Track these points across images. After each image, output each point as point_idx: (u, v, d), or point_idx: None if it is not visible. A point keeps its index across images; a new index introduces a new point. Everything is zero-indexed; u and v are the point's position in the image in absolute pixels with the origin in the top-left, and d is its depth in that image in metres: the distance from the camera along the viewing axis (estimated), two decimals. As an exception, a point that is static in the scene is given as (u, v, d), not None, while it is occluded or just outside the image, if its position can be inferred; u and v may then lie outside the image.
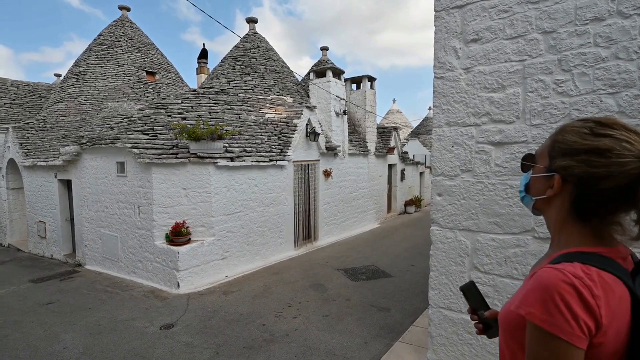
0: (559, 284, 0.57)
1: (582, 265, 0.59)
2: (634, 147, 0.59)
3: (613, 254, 0.62)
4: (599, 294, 0.56)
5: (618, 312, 0.57)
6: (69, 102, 9.54)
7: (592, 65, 1.47)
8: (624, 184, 0.59)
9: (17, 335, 3.95)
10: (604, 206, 0.62)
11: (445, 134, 1.90)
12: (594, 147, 0.62)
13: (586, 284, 0.56)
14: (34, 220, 8.23)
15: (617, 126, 0.62)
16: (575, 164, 0.63)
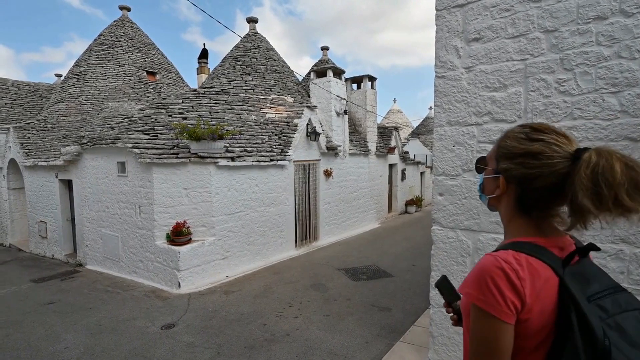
0: (491, 268, 0.67)
1: (514, 252, 0.68)
2: (562, 149, 0.67)
3: (548, 243, 0.70)
4: (524, 276, 0.65)
5: (543, 292, 0.65)
6: (70, 102, 9.54)
7: (594, 64, 1.47)
8: (555, 182, 0.67)
9: (19, 335, 3.96)
10: (540, 202, 0.71)
11: (446, 133, 1.90)
12: (528, 150, 0.70)
13: (513, 268, 0.65)
14: (35, 220, 8.24)
15: (548, 131, 0.70)
16: (514, 166, 0.72)
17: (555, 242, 0.71)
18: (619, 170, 0.60)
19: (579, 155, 0.65)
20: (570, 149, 0.68)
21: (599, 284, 0.66)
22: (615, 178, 0.60)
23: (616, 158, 0.62)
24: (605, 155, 0.62)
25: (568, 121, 1.53)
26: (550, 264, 0.67)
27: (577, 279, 0.65)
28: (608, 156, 0.62)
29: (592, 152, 0.64)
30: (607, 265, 1.45)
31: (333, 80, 8.49)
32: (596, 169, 0.61)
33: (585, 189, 0.62)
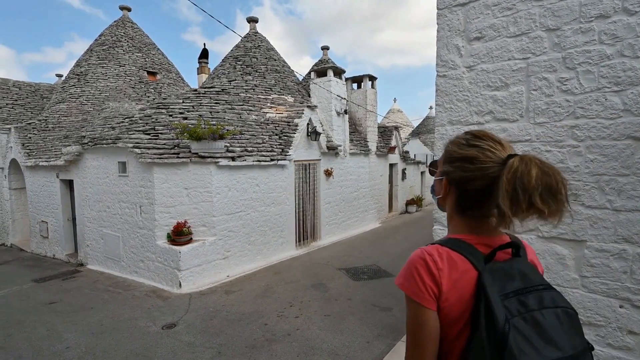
0: (416, 259, 0.76)
1: (439, 246, 0.76)
2: (495, 155, 0.73)
3: (476, 240, 0.77)
4: (442, 267, 0.73)
5: (460, 283, 0.72)
6: (71, 103, 9.55)
7: (597, 63, 1.46)
8: (487, 185, 0.72)
9: (20, 334, 3.97)
10: (475, 203, 0.76)
11: (447, 132, 1.89)
12: (465, 155, 0.77)
13: (434, 259, 0.74)
14: (37, 220, 8.25)
15: (485, 138, 0.77)
16: (453, 170, 0.79)
17: (485, 241, 0.77)
18: (535, 175, 0.66)
19: (507, 161, 0.70)
20: (502, 155, 0.73)
21: (524, 282, 0.70)
22: (530, 182, 0.65)
23: (534, 164, 0.67)
24: (526, 161, 0.67)
25: (570, 120, 1.52)
26: (470, 259, 0.73)
27: (498, 275, 0.70)
28: (528, 162, 0.67)
29: (516, 158, 0.69)
30: (609, 265, 1.44)
31: (333, 80, 8.48)
32: (516, 174, 0.67)
33: (504, 191, 0.67)
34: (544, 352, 0.62)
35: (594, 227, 1.48)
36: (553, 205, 0.66)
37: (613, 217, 1.43)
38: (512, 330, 0.62)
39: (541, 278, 0.73)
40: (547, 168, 0.67)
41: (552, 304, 0.68)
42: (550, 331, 0.64)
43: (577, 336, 0.66)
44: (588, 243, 1.49)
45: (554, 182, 0.67)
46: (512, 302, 0.66)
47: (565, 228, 1.54)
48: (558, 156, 1.55)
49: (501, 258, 0.75)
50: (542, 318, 0.65)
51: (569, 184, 1.52)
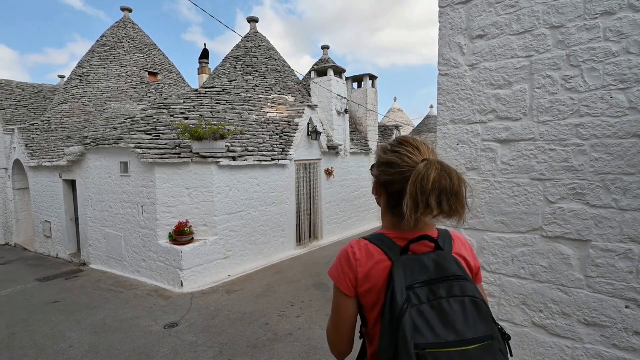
0: (341, 251, 0.86)
1: (362, 239, 0.86)
2: (411, 159, 0.81)
3: (395, 235, 0.85)
4: (359, 257, 0.82)
5: (373, 271, 0.80)
6: (73, 103, 9.58)
7: (602, 60, 1.44)
8: (404, 187, 0.77)
9: (25, 333, 3.99)
10: (397, 202, 0.81)
11: (449, 131, 1.87)
12: (386, 160, 0.85)
13: (353, 251, 0.84)
14: (40, 219, 8.30)
15: (405, 144, 0.85)
16: (379, 173, 0.88)
17: (404, 235, 0.84)
18: (432, 179, 0.73)
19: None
20: (417, 160, 0.80)
21: (437, 272, 0.75)
22: (427, 185, 0.72)
23: (435, 168, 0.74)
24: (429, 165, 0.75)
25: (574, 118, 1.50)
26: (385, 250, 0.81)
27: (411, 265, 0.76)
28: (430, 166, 0.74)
29: (423, 162, 0.76)
30: (615, 265, 1.42)
31: (334, 79, 8.46)
32: (418, 177, 0.74)
33: (409, 193, 0.74)
34: (441, 334, 0.68)
35: (598, 227, 1.46)
36: (446, 206, 0.73)
37: (618, 216, 1.41)
38: (412, 313, 0.69)
39: (457, 269, 0.77)
40: (445, 172, 0.74)
41: (460, 293, 0.73)
42: (452, 317, 0.70)
43: (481, 324, 0.71)
44: (593, 242, 1.48)
45: (449, 185, 0.73)
46: (422, 290, 0.72)
47: (569, 227, 1.52)
48: (562, 155, 1.53)
49: (420, 250, 0.81)
50: (447, 305, 0.71)
51: (574, 183, 1.50)
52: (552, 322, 1.57)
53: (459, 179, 0.76)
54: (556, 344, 1.56)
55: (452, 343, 0.68)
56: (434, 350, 0.67)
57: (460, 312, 0.71)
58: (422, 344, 0.67)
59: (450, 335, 0.68)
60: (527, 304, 1.62)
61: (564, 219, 1.51)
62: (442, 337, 0.68)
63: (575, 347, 1.52)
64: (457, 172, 0.76)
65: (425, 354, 0.66)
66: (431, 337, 0.68)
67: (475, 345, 0.69)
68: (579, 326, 1.50)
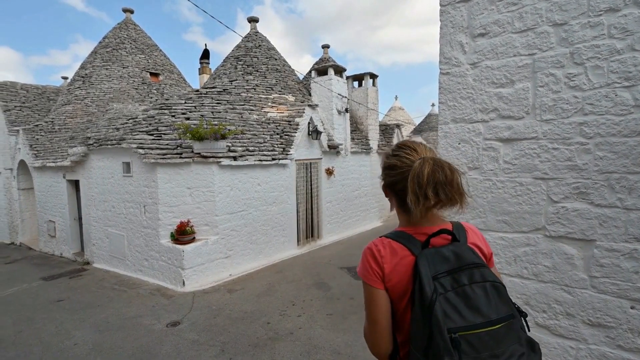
0: (366, 250, 0.92)
1: (384, 238, 0.92)
2: (410, 160, 0.89)
3: (414, 231, 0.91)
4: (384, 254, 0.88)
5: (399, 266, 0.86)
6: (76, 104, 9.63)
7: (606, 58, 1.42)
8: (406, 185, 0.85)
9: (31, 331, 4.03)
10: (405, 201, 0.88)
11: (451, 130, 1.86)
12: (388, 164, 0.95)
13: (378, 248, 0.90)
14: (44, 219, 8.36)
15: (404, 147, 0.94)
16: (384, 177, 0.97)
17: (423, 230, 0.90)
18: (426, 173, 0.82)
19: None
20: (415, 159, 0.88)
21: (458, 262, 0.82)
22: (423, 180, 0.81)
23: (428, 164, 0.83)
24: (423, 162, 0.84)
25: (579, 117, 1.48)
26: (408, 246, 0.87)
27: (433, 258, 0.82)
28: (424, 163, 0.83)
29: (419, 160, 0.85)
30: (620, 265, 1.40)
31: (334, 79, 8.44)
32: (415, 173, 0.83)
33: (410, 189, 0.83)
34: (468, 317, 0.74)
35: (603, 226, 1.44)
36: (443, 195, 0.82)
37: (624, 215, 1.39)
38: (441, 301, 0.75)
39: (475, 258, 0.84)
40: (438, 166, 0.82)
41: (481, 279, 0.79)
42: (476, 301, 0.76)
43: (502, 305, 0.78)
44: (597, 242, 1.46)
45: (442, 176, 0.81)
46: (446, 279, 0.78)
47: (573, 227, 1.50)
48: (566, 154, 1.51)
49: (439, 243, 0.88)
50: (471, 291, 0.77)
51: (578, 182, 1.48)
52: (555, 322, 1.56)
53: (452, 169, 0.84)
54: (560, 344, 1.55)
55: (480, 325, 0.74)
56: (465, 333, 0.73)
57: (484, 296, 0.77)
58: (453, 329, 0.73)
59: (477, 318, 0.75)
60: (531, 304, 1.61)
61: (568, 218, 1.50)
62: (470, 320, 0.74)
63: (579, 348, 1.50)
64: (450, 164, 0.85)
65: (458, 337, 0.72)
66: (460, 322, 0.74)
67: (499, 325, 0.76)
68: (584, 327, 1.48)
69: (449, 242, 0.88)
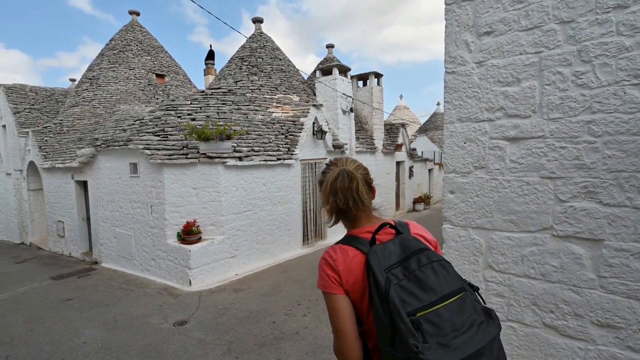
0: (320, 260, 0.97)
1: (335, 244, 0.98)
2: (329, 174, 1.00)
3: (359, 232, 0.98)
4: (336, 257, 0.93)
5: (352, 266, 0.90)
6: (84, 106, 9.77)
7: (614, 55, 1.40)
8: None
9: (41, 329, 4.11)
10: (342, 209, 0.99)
11: (457, 130, 1.85)
12: (319, 180, 1.06)
13: (329, 254, 0.95)
14: (53, 219, 8.50)
15: (332, 166, 1.04)
16: (320, 190, 1.05)
17: (366, 229, 0.97)
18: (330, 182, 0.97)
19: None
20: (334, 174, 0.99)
21: (404, 251, 0.87)
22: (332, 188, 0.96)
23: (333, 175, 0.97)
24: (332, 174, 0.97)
25: (586, 115, 1.47)
26: (357, 246, 0.93)
27: (383, 252, 0.86)
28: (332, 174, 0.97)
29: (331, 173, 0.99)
30: (629, 265, 1.39)
31: (339, 78, 8.44)
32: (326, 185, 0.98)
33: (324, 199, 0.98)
34: (423, 298, 0.78)
35: (612, 226, 1.42)
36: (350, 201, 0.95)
37: (633, 215, 1.38)
38: (397, 290, 0.78)
39: (419, 244, 0.90)
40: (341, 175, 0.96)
41: (427, 261, 0.84)
42: (428, 281, 0.81)
43: (452, 280, 0.83)
44: (606, 242, 1.44)
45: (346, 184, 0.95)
46: (398, 270, 0.83)
47: (581, 227, 1.49)
48: (573, 152, 1.50)
49: (385, 239, 0.92)
50: (421, 273, 0.82)
51: (587, 181, 1.47)
52: (563, 323, 1.54)
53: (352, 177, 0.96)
54: (568, 345, 1.53)
55: (435, 302, 0.78)
56: (424, 313, 0.76)
57: (433, 275, 0.82)
58: (412, 311, 0.76)
59: (432, 297, 0.79)
60: (538, 304, 1.59)
61: (576, 218, 1.48)
62: (425, 300, 0.78)
63: (588, 349, 1.48)
64: (352, 172, 0.97)
65: (418, 319, 0.75)
66: (417, 303, 0.78)
67: (454, 298, 0.80)
68: (592, 327, 1.47)
69: (394, 236, 0.93)
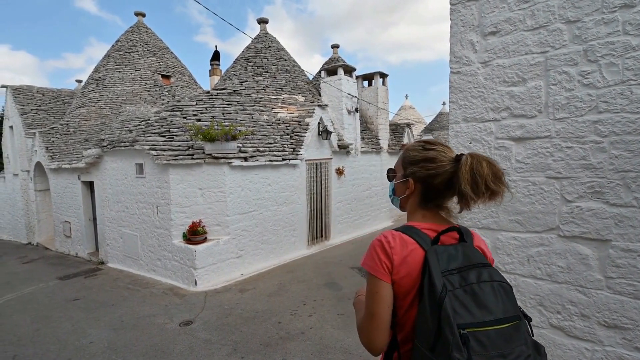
0: (375, 242, 0.93)
1: (394, 231, 0.92)
2: (447, 155, 0.93)
3: (424, 226, 0.93)
4: (394, 245, 0.88)
5: (409, 258, 0.87)
6: (90, 107, 9.89)
7: (621, 55, 1.40)
8: (447, 178, 0.91)
9: (48, 329, 4.16)
10: (437, 194, 0.94)
11: (462, 130, 1.85)
12: (426, 157, 0.95)
13: (387, 240, 0.90)
14: (60, 220, 8.60)
15: (437, 143, 0.97)
16: (418, 169, 0.96)
17: (433, 227, 0.93)
18: (485, 166, 0.86)
19: (459, 158, 0.90)
20: (452, 155, 0.93)
21: (465, 261, 0.83)
22: (484, 171, 0.85)
23: (482, 158, 0.87)
24: (476, 157, 0.88)
25: (593, 115, 1.46)
26: (417, 240, 0.88)
27: (442, 255, 0.83)
28: (477, 157, 0.88)
29: (467, 155, 0.88)
30: (637, 266, 1.38)
31: (344, 78, 8.44)
32: (472, 166, 0.86)
33: (465, 180, 0.85)
34: (477, 314, 0.75)
35: (619, 226, 1.42)
36: (500, 186, 0.86)
37: (640, 215, 1.37)
38: (450, 298, 0.75)
39: (482, 258, 0.86)
40: (490, 160, 0.88)
41: (489, 278, 0.81)
42: (484, 299, 0.77)
43: (510, 305, 0.79)
44: (613, 242, 1.43)
45: (496, 170, 0.87)
46: (454, 277, 0.79)
47: (588, 227, 1.48)
48: (580, 152, 1.49)
49: (448, 242, 0.90)
50: (479, 289, 0.78)
51: (593, 181, 1.46)
52: (570, 323, 1.54)
53: (499, 166, 0.89)
54: (575, 346, 1.53)
55: (489, 322, 0.74)
56: (474, 330, 0.73)
57: (492, 294, 0.78)
58: (462, 324, 0.73)
59: (486, 316, 0.75)
60: (544, 305, 1.59)
61: (582, 218, 1.47)
62: (479, 318, 0.74)
63: (595, 350, 1.48)
64: (494, 161, 0.89)
65: (467, 334, 0.72)
66: (470, 318, 0.74)
67: (508, 324, 0.76)
68: (599, 328, 1.46)
69: (457, 242, 0.90)
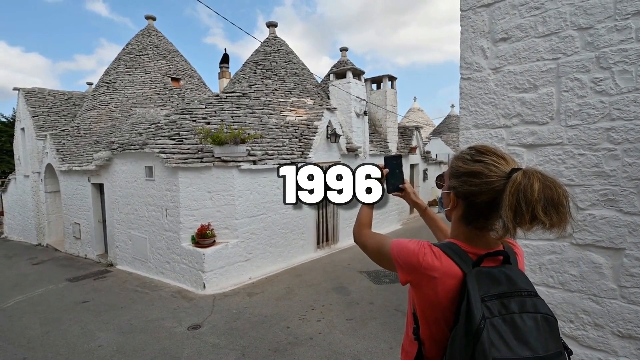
0: (425, 243, 0.86)
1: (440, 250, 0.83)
2: (499, 169, 0.77)
3: (467, 248, 0.83)
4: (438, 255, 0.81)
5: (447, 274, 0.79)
6: (101, 110, 10.07)
7: (634, 62, 1.39)
8: (493, 197, 0.76)
9: (57, 332, 4.20)
10: (480, 215, 0.81)
11: (473, 136, 1.85)
12: (470, 170, 0.81)
13: (433, 251, 0.82)
14: (70, 221, 8.75)
15: (489, 153, 0.81)
16: (460, 185, 0.83)
17: (476, 251, 0.83)
18: (537, 189, 0.69)
19: (510, 174, 0.74)
20: (506, 169, 0.76)
21: (509, 286, 0.75)
22: (533, 196, 0.69)
23: (537, 178, 0.71)
24: (529, 175, 0.71)
25: (605, 122, 1.45)
26: (457, 262, 0.80)
27: (483, 278, 0.76)
28: (531, 176, 0.71)
29: (519, 172, 0.73)
30: (652, 276, 1.36)
31: (352, 81, 8.47)
32: (519, 188, 0.71)
33: (508, 204, 0.71)
34: (515, 349, 0.68)
35: (633, 235, 1.40)
36: (555, 217, 0.70)
37: (655, 224, 1.35)
38: (488, 328, 0.69)
39: (528, 285, 0.77)
40: (549, 182, 0.71)
41: (533, 310, 0.73)
42: (526, 333, 0.70)
43: (552, 340, 0.72)
44: (627, 251, 1.42)
45: (556, 195, 0.70)
46: (494, 303, 0.72)
47: (601, 235, 1.47)
48: (593, 160, 1.48)
49: (491, 264, 0.81)
50: (521, 321, 0.71)
51: (606, 189, 1.45)
52: (583, 333, 1.52)
53: (562, 188, 0.73)
54: (588, 356, 1.51)
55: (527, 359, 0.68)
56: None
57: (534, 329, 0.71)
58: (498, 359, 0.67)
59: (524, 351, 0.68)
60: (557, 314, 1.58)
61: (595, 226, 1.46)
62: (517, 353, 0.68)
63: (609, 360, 1.46)
64: (558, 181, 0.74)
65: None
66: (507, 353, 0.68)
67: None
68: (613, 338, 1.44)
69: (501, 264, 0.82)
